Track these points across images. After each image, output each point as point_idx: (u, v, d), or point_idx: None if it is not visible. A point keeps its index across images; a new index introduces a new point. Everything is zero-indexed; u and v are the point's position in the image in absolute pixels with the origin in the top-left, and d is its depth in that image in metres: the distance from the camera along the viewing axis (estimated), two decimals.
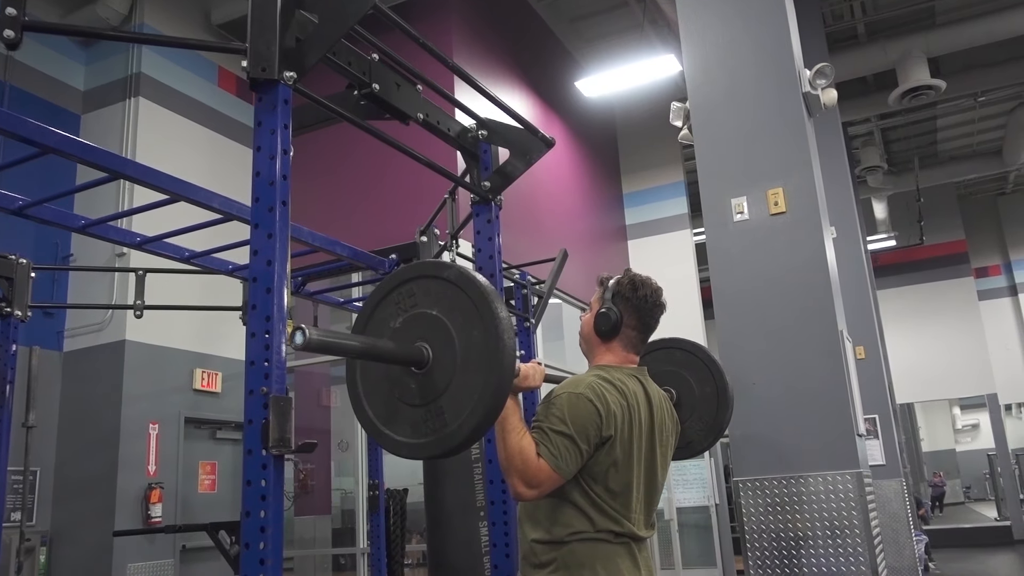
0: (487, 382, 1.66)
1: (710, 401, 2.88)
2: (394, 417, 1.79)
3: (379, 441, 1.83)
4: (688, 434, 2.81)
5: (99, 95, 6.77)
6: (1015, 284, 15.05)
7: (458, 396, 1.69)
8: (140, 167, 2.87)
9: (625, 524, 2.09)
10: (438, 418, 1.71)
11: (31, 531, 5.68)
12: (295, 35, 1.94)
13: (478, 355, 1.69)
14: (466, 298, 1.74)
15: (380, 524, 4.87)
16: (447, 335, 1.74)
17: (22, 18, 1.77)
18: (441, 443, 1.71)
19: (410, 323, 1.80)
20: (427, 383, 1.74)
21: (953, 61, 9.82)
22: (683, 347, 2.97)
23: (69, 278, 6.44)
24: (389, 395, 1.80)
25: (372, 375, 1.85)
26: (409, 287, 1.84)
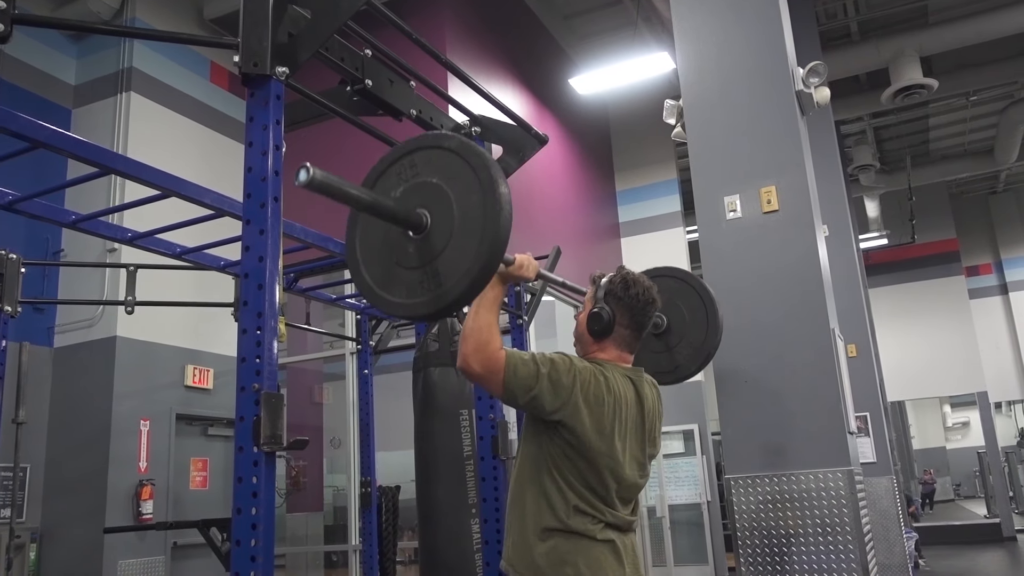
0: (482, 243, 1.71)
1: (700, 326, 2.97)
2: (391, 280, 1.84)
3: (376, 304, 1.88)
4: (676, 358, 2.87)
5: (90, 90, 6.74)
6: (1006, 283, 15.13)
7: (454, 258, 1.74)
8: (131, 162, 2.85)
9: (608, 515, 2.10)
10: (434, 279, 1.76)
11: (21, 528, 5.65)
12: (287, 30, 1.94)
13: (475, 219, 1.74)
14: (466, 166, 1.79)
15: (372, 521, 4.87)
16: (446, 201, 1.79)
17: (12, 11, 1.76)
18: (436, 301, 1.76)
19: (411, 192, 1.85)
20: (424, 247, 1.79)
21: (945, 60, 9.85)
22: (676, 275, 3.10)
23: (60, 273, 6.41)
24: (387, 260, 1.86)
25: (370, 241, 1.90)
26: (411, 158, 1.89)
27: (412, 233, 1.81)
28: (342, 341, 6.93)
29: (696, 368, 3.00)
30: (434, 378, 3.31)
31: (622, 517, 2.16)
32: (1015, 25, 8.41)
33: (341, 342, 7.03)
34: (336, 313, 6.98)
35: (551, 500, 2.08)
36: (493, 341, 2.01)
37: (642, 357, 2.99)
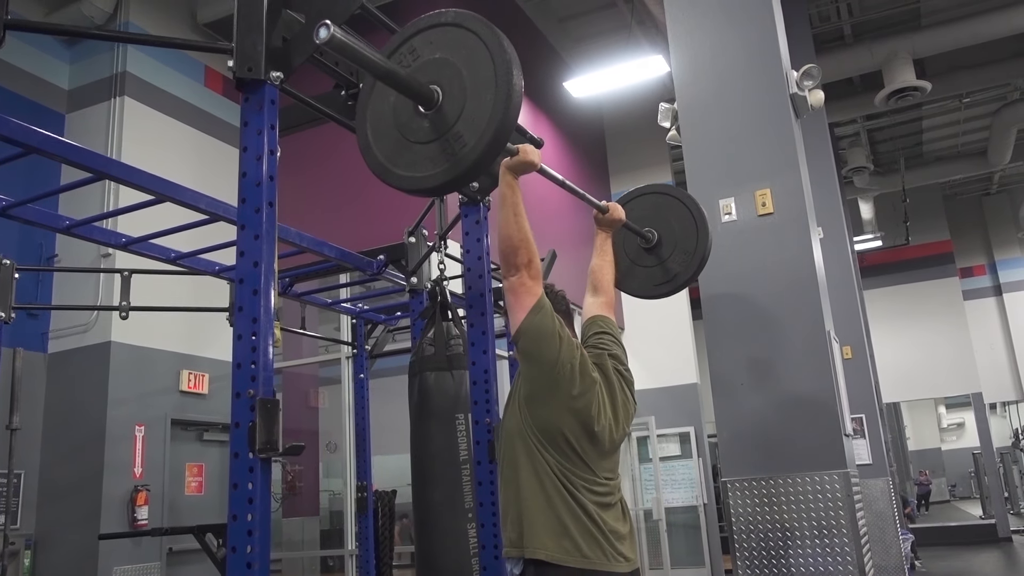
0: (499, 89, 1.75)
1: (689, 232, 3.08)
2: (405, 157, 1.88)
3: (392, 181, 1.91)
4: (672, 268, 2.94)
5: (84, 94, 6.72)
6: (999, 284, 15.17)
7: (474, 115, 1.78)
8: (125, 167, 2.85)
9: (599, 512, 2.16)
10: (456, 141, 1.79)
11: (15, 534, 5.62)
12: (282, 35, 1.93)
13: (487, 74, 1.78)
14: (467, 32, 1.84)
15: (369, 526, 4.86)
16: (454, 70, 1.83)
17: (5, 16, 1.75)
18: (454, 167, 1.79)
19: (416, 74, 1.88)
20: (439, 119, 1.83)
21: (938, 62, 9.88)
22: (658, 190, 3.21)
23: (54, 279, 6.39)
24: (400, 140, 1.89)
25: (381, 122, 1.94)
26: (409, 44, 1.94)
27: (423, 108, 1.84)
28: (338, 345, 6.92)
29: (693, 273, 3.08)
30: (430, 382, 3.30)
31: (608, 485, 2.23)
32: (1008, 27, 8.45)
33: (336, 346, 7.02)
34: (331, 317, 6.96)
35: (541, 477, 2.14)
36: (536, 258, 2.14)
37: (635, 274, 3.09)
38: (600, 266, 2.73)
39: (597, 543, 2.11)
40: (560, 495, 2.12)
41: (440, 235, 3.53)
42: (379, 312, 5.21)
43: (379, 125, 1.92)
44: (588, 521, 2.12)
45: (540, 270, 2.15)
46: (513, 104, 1.76)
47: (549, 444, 2.16)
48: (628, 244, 3.18)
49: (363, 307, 5.25)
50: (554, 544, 2.09)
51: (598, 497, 2.18)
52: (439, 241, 3.52)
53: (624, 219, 2.82)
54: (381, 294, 5.45)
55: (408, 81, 1.81)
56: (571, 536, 2.09)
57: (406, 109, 1.87)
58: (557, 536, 2.09)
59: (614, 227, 2.81)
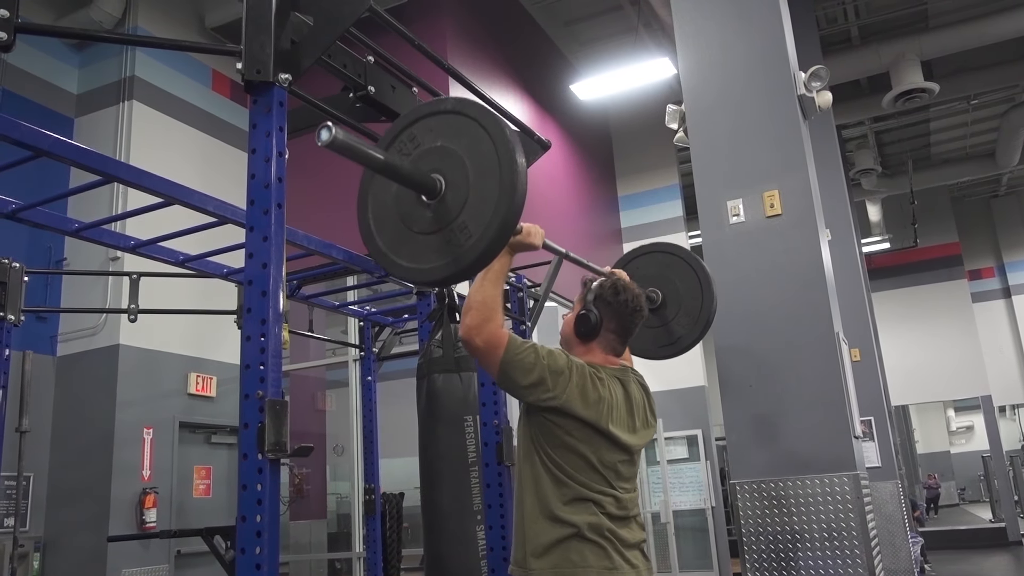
0: (503, 182, 1.71)
1: (694, 294, 3.02)
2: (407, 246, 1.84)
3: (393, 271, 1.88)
4: (676, 330, 2.91)
5: (92, 98, 6.75)
6: (1008, 286, 15.09)
7: (478, 206, 1.74)
8: (134, 170, 2.85)
9: (607, 523, 2.11)
10: (461, 233, 1.75)
11: (24, 537, 5.64)
12: (290, 37, 1.94)
13: (490, 163, 1.74)
14: (469, 120, 1.80)
15: (376, 528, 4.86)
16: (457, 159, 1.79)
17: (15, 20, 1.76)
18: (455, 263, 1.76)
19: (418, 162, 1.85)
20: (442, 209, 1.79)
21: (946, 64, 9.85)
22: (663, 249, 3.15)
23: (62, 282, 6.41)
24: (402, 230, 1.85)
25: (383, 209, 1.90)
26: (410, 132, 1.90)
27: (426, 198, 1.81)
28: (345, 348, 6.92)
29: (697, 336, 3.04)
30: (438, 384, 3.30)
31: (623, 502, 2.17)
32: (1015, 28, 8.42)
33: (344, 349, 7.02)
34: (339, 320, 6.97)
35: (549, 498, 2.10)
36: (496, 317, 2.05)
37: (640, 335, 3.05)
38: None
39: (606, 553, 2.08)
40: (572, 507, 2.08)
41: None
42: (386, 315, 5.21)
43: (381, 213, 1.89)
44: (600, 533, 2.08)
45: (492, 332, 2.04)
46: (518, 196, 1.72)
47: (563, 456, 2.12)
48: None
49: (370, 310, 5.25)
50: (561, 559, 2.06)
51: (615, 509, 2.14)
52: None
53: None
54: (388, 296, 5.46)
55: (410, 173, 1.78)
56: (579, 549, 2.06)
57: (408, 198, 1.83)
58: (565, 551, 2.06)
59: None
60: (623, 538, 2.14)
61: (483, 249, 1.73)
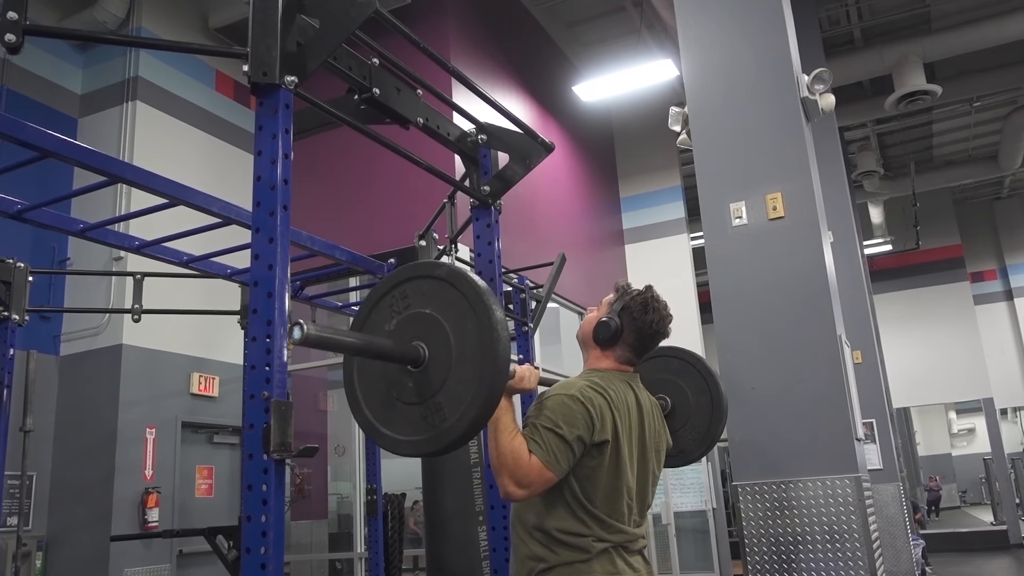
0: (483, 371, 1.68)
1: (704, 411, 2.87)
2: (392, 416, 1.81)
3: (377, 440, 1.85)
4: (681, 443, 2.82)
5: (96, 99, 6.77)
6: (1011, 289, 15.08)
7: (455, 390, 1.71)
8: (139, 171, 2.86)
9: (615, 528, 2.09)
10: (437, 414, 1.72)
11: (28, 536, 5.65)
12: (296, 40, 1.94)
13: (473, 347, 1.71)
14: (459, 294, 1.76)
15: (378, 529, 4.86)
16: (442, 332, 1.76)
17: (23, 22, 1.77)
18: (440, 438, 1.72)
19: (405, 324, 1.83)
20: (424, 381, 1.76)
21: (949, 66, 9.86)
22: (680, 356, 2.96)
23: (66, 282, 6.43)
24: (386, 395, 1.82)
25: (369, 376, 1.87)
26: (402, 289, 1.87)
27: (411, 367, 1.78)
28: None
29: (701, 454, 2.92)
30: None
31: (631, 525, 2.15)
32: (1018, 31, 8.42)
33: None
34: (341, 320, 6.98)
35: (562, 510, 2.08)
36: (520, 459, 1.99)
37: None
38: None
39: (609, 558, 2.07)
40: (576, 537, 2.06)
41: (451, 238, 3.53)
42: None
43: (368, 378, 1.87)
44: (603, 551, 2.07)
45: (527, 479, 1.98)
46: (497, 384, 1.68)
47: (579, 489, 2.09)
48: None
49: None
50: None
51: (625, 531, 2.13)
52: (450, 244, 3.52)
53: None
54: None
55: (389, 350, 1.76)
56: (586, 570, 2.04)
57: (393, 366, 1.81)
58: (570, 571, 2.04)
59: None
60: (627, 546, 2.13)
61: (460, 432, 1.69)
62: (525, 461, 1.99)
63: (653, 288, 2.34)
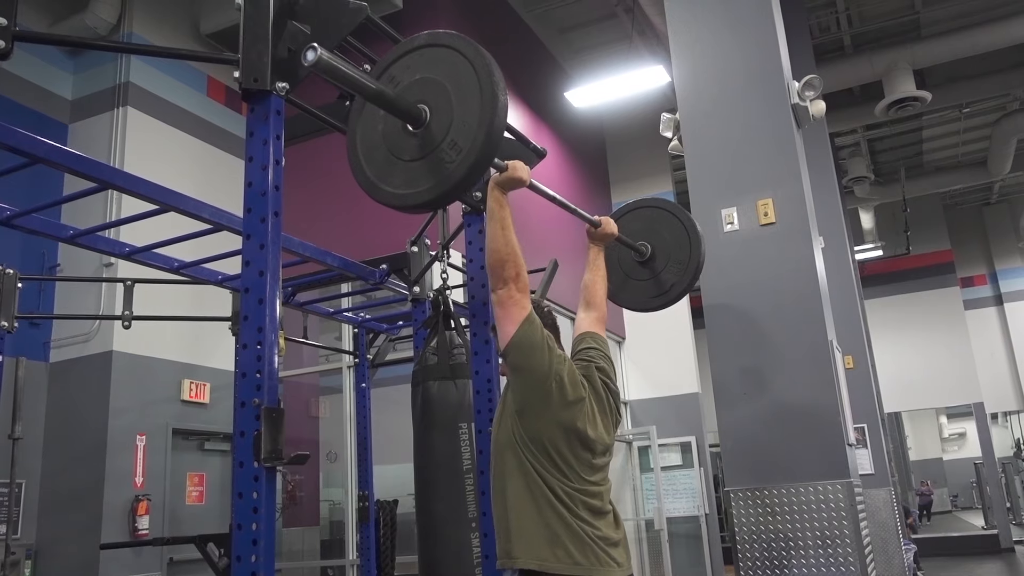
0: (484, 94, 1.80)
1: (682, 243, 3.12)
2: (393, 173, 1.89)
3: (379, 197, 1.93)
4: (667, 279, 2.98)
5: (87, 104, 6.74)
6: (1000, 294, 15.17)
7: (464, 122, 1.80)
8: (130, 177, 2.85)
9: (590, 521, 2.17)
10: (452, 149, 1.81)
11: (16, 544, 5.61)
12: (287, 46, 1.94)
13: (470, 81, 1.82)
14: (444, 49, 1.89)
15: (370, 536, 4.85)
16: (438, 86, 1.86)
17: (13, 28, 1.76)
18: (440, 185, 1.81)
19: (406, 92, 1.90)
20: (428, 135, 1.85)
21: (938, 73, 9.91)
22: (650, 204, 3.26)
23: (56, 288, 6.39)
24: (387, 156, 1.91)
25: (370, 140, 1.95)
26: (388, 73, 1.96)
27: (412, 127, 1.86)
28: (339, 354, 6.91)
29: (689, 283, 3.12)
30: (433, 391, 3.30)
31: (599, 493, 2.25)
32: (1007, 38, 8.48)
33: (338, 355, 7.01)
34: (333, 326, 6.96)
35: (531, 488, 2.15)
36: (523, 272, 2.16)
37: (630, 288, 3.11)
38: (593, 281, 2.75)
39: (590, 549, 2.13)
40: (551, 505, 2.14)
41: (443, 244, 3.54)
42: (381, 321, 5.21)
43: (369, 148, 1.94)
44: (580, 529, 2.14)
45: (527, 283, 2.16)
46: (500, 105, 1.80)
47: (540, 454, 2.18)
48: (623, 258, 3.21)
49: (365, 316, 5.25)
50: (547, 552, 2.11)
51: (590, 504, 2.20)
52: (442, 251, 3.52)
53: (616, 233, 2.84)
54: (383, 303, 5.46)
55: (397, 101, 1.83)
56: (563, 544, 2.12)
57: (395, 130, 1.89)
58: (549, 545, 2.12)
59: (607, 241, 2.82)
60: (607, 536, 2.19)
61: (473, 160, 1.78)
62: (525, 278, 2.16)
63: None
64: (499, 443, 2.26)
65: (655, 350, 9.50)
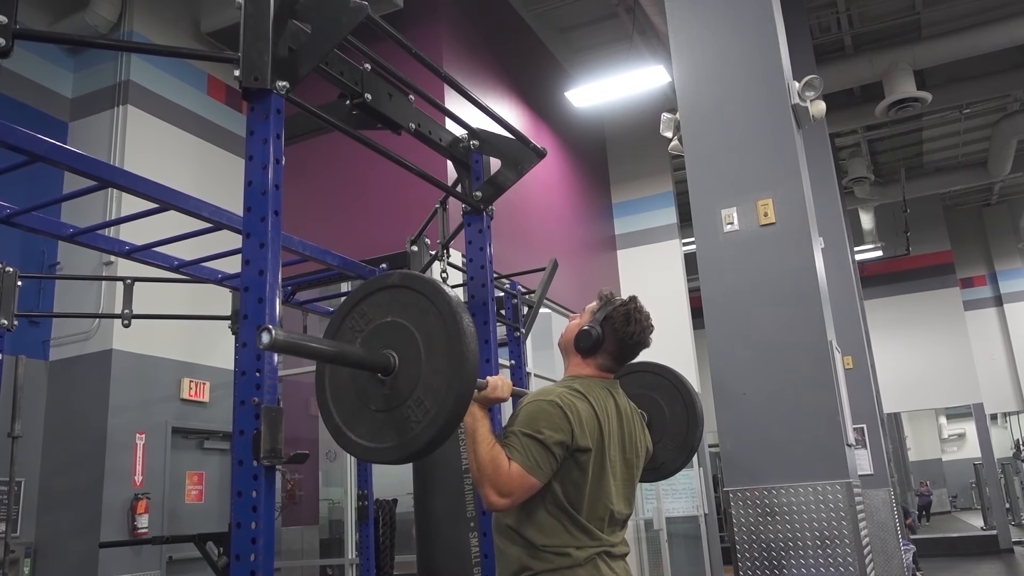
0: (454, 355, 1.69)
1: (680, 421, 2.92)
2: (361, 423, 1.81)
3: (346, 448, 1.84)
4: (660, 455, 2.83)
5: (87, 103, 6.73)
6: (1000, 294, 15.18)
7: (432, 380, 1.71)
8: (131, 176, 2.85)
9: (596, 536, 2.09)
10: (418, 408, 1.72)
11: (15, 542, 5.61)
12: (288, 45, 1.94)
13: (439, 335, 1.73)
14: (416, 294, 1.79)
15: (369, 535, 4.85)
16: (407, 333, 1.77)
17: (13, 26, 1.76)
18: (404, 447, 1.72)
19: (370, 340, 1.82)
20: (396, 385, 1.77)
21: (938, 73, 9.92)
22: (652, 370, 3.00)
23: (55, 286, 6.39)
24: (356, 403, 1.82)
25: (339, 384, 1.87)
26: (360, 309, 1.87)
27: (381, 375, 1.78)
28: None
29: (681, 464, 2.94)
30: None
31: (614, 532, 2.16)
32: (1008, 39, 8.48)
33: None
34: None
35: (544, 517, 2.07)
36: (500, 468, 1.98)
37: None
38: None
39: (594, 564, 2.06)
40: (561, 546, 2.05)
41: (442, 244, 3.53)
42: None
43: (338, 390, 1.87)
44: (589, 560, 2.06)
45: (508, 486, 1.98)
46: (470, 367, 1.69)
47: (563, 495, 2.08)
48: None
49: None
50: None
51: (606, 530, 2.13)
52: (441, 250, 3.52)
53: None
54: None
55: (360, 358, 1.76)
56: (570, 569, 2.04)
57: (364, 375, 1.82)
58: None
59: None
60: (610, 551, 2.13)
61: (440, 425, 1.68)
62: (505, 470, 1.98)
63: (637, 299, 2.34)
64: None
65: (654, 350, 9.42)
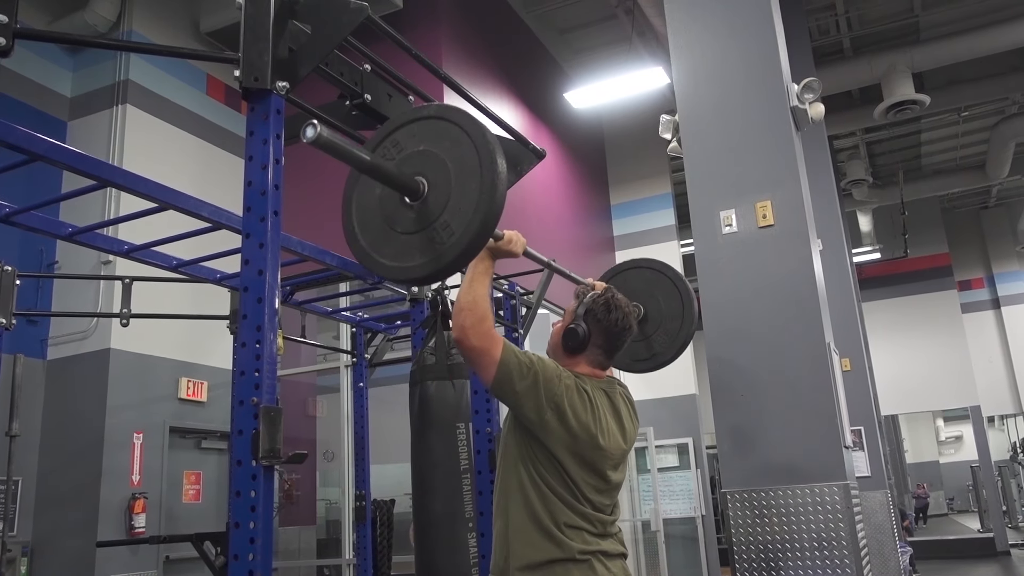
0: (484, 180, 1.75)
1: (675, 315, 3.11)
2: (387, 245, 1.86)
3: (372, 267, 1.91)
4: (654, 346, 2.94)
5: (86, 102, 6.73)
6: (998, 297, 15.19)
7: (460, 205, 1.77)
8: (129, 175, 2.85)
9: (592, 541, 2.10)
10: (444, 230, 1.78)
11: (12, 541, 5.60)
12: (288, 45, 1.95)
13: (471, 164, 1.78)
14: (450, 125, 1.84)
15: (367, 535, 4.85)
16: (439, 161, 1.83)
17: (14, 25, 1.76)
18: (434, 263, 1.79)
19: (401, 166, 1.87)
20: (424, 210, 1.82)
21: (937, 76, 9.93)
22: (652, 266, 3.21)
23: (54, 286, 6.39)
24: (383, 226, 1.88)
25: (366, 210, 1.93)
26: (392, 138, 1.93)
27: (409, 200, 1.84)
28: (336, 354, 6.91)
29: (673, 355, 3.08)
30: (431, 391, 3.31)
31: (609, 534, 2.17)
32: (1006, 42, 8.50)
33: (335, 355, 7.01)
34: (330, 325, 6.96)
35: (539, 514, 2.08)
36: (488, 317, 2.05)
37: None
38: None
39: (590, 565, 2.07)
40: (559, 535, 2.07)
41: None
42: (379, 321, 5.21)
43: (365, 215, 1.92)
44: (586, 556, 2.07)
45: (486, 331, 2.02)
46: (499, 194, 1.75)
47: (550, 476, 2.10)
48: None
49: (363, 316, 5.25)
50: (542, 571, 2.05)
51: (600, 530, 2.14)
52: None
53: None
54: (381, 303, 5.46)
55: (394, 174, 1.81)
56: (566, 571, 2.05)
57: (392, 200, 1.86)
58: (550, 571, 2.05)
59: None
60: (606, 551, 2.14)
61: (465, 245, 1.76)
62: (491, 321, 2.05)
63: (612, 288, 2.38)
64: (511, 452, 2.17)
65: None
